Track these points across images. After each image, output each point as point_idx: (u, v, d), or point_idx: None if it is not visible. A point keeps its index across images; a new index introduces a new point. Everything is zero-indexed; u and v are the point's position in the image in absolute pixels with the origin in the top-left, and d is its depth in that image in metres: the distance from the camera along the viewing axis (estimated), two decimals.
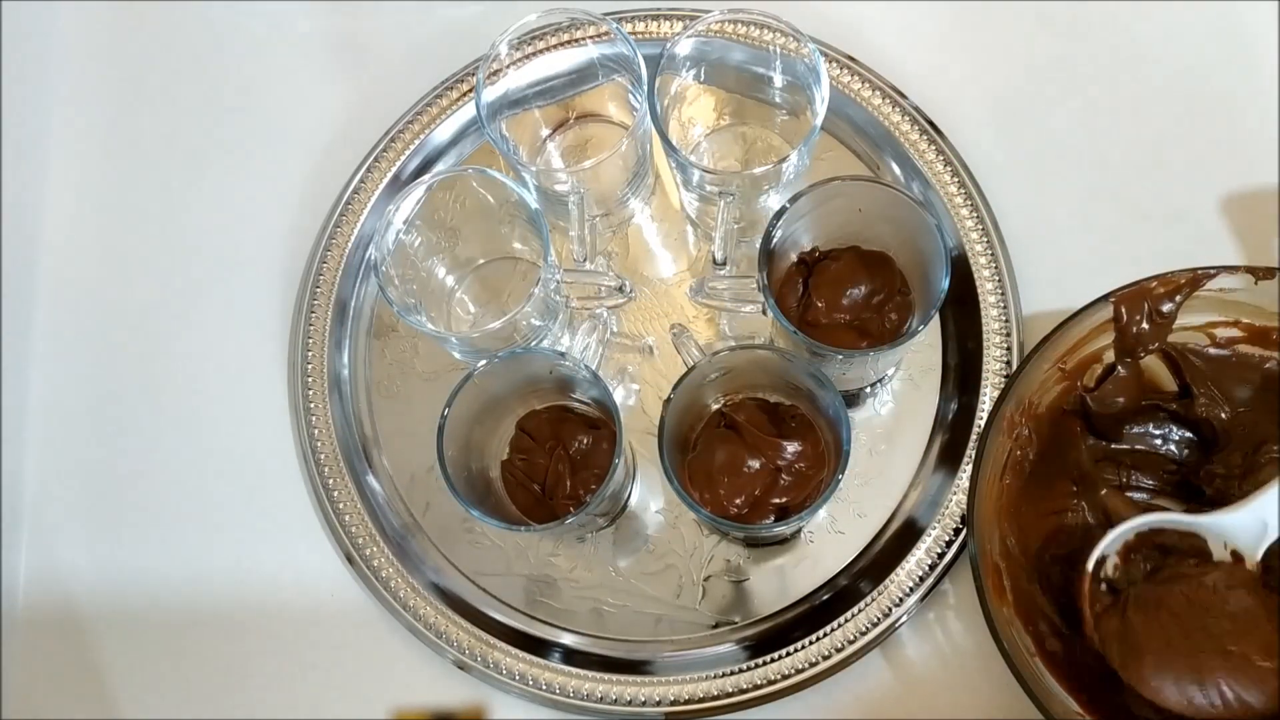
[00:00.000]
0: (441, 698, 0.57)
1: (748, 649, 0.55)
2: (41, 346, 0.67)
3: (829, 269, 0.55)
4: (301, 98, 0.69)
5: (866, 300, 0.55)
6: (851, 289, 0.55)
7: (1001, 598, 0.50)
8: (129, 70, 0.72)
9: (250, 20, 0.72)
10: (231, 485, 0.62)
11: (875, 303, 0.55)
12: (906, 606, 0.54)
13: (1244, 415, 0.53)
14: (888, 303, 0.55)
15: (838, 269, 0.55)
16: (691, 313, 0.61)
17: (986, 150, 0.61)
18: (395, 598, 0.57)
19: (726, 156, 0.63)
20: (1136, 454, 0.54)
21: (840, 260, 0.55)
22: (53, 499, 0.64)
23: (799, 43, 0.54)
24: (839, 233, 0.55)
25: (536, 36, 0.60)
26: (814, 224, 0.54)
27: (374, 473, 0.61)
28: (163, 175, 0.69)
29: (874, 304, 0.55)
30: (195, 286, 0.67)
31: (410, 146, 0.65)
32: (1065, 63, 0.64)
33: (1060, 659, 0.49)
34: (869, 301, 0.55)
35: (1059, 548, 0.52)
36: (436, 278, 0.60)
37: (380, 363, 0.63)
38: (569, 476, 0.54)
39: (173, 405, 0.64)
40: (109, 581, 0.62)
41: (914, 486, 0.57)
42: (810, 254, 0.56)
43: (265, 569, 0.61)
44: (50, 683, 0.61)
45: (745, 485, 0.52)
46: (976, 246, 0.59)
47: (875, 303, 0.55)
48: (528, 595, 0.58)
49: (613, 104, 0.64)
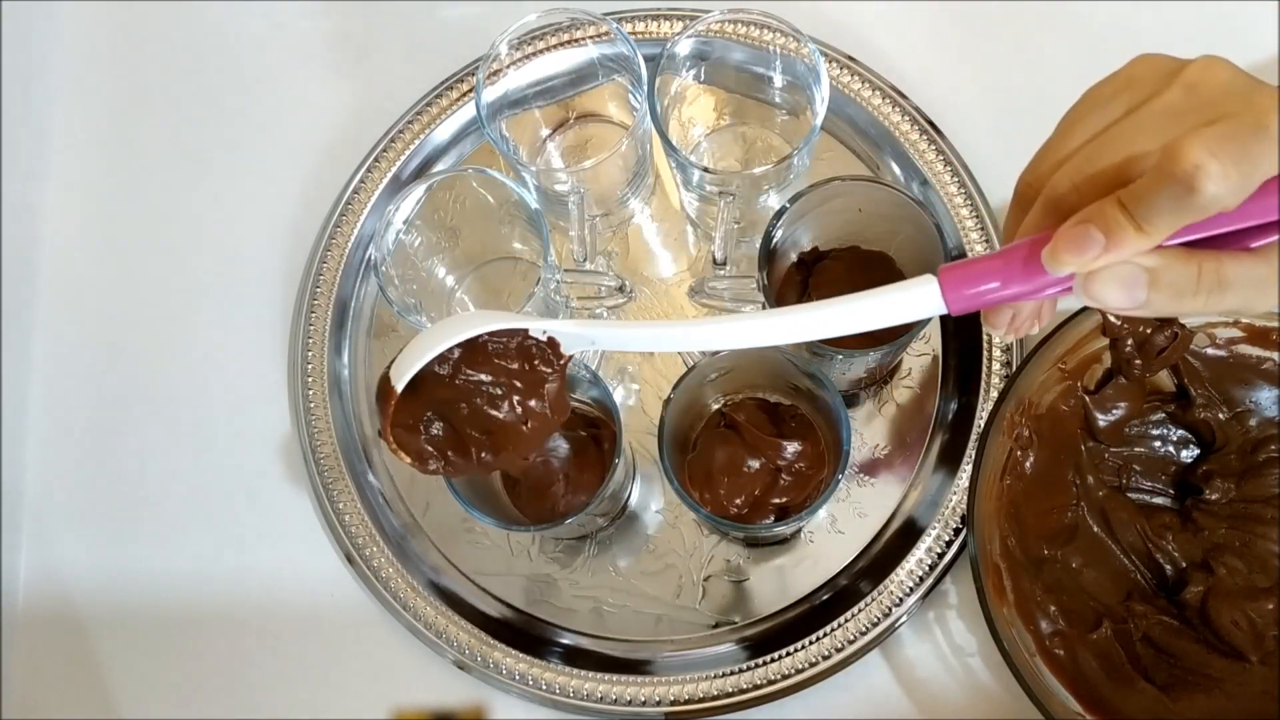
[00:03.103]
0: (441, 698, 0.57)
1: (748, 649, 0.55)
2: (41, 346, 0.67)
3: (829, 269, 0.55)
4: (301, 98, 0.69)
5: None
6: (851, 289, 0.54)
7: (1001, 598, 0.50)
8: (129, 70, 0.72)
9: (250, 20, 0.72)
10: (231, 485, 0.62)
11: None
12: (906, 606, 0.54)
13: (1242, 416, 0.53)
14: None
15: (838, 269, 0.55)
16: (691, 313, 0.61)
17: (986, 150, 0.61)
18: (395, 598, 0.57)
19: (726, 156, 0.63)
20: (1136, 455, 0.54)
21: (840, 260, 0.55)
22: (53, 499, 0.64)
23: (799, 43, 0.54)
24: (839, 233, 0.55)
25: (536, 36, 0.60)
26: (814, 224, 0.54)
27: (374, 473, 0.61)
28: (163, 175, 0.69)
29: None
30: (195, 287, 0.67)
31: (410, 146, 0.65)
32: (1065, 63, 0.64)
33: (1060, 659, 0.49)
34: None
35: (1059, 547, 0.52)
36: (436, 278, 0.60)
37: (380, 363, 0.63)
38: (569, 476, 0.54)
39: (173, 405, 0.64)
40: (109, 581, 0.62)
41: (914, 486, 0.57)
42: (810, 254, 0.56)
43: (265, 569, 0.61)
44: (50, 683, 0.61)
45: (745, 485, 0.52)
46: (976, 246, 0.59)
47: None
48: (528, 595, 0.58)
49: (613, 104, 0.64)
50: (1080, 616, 0.51)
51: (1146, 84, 0.34)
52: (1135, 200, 0.31)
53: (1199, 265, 0.32)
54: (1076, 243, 0.32)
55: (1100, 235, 0.31)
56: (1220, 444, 0.53)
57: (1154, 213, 0.31)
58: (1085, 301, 0.34)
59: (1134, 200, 0.31)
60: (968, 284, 0.35)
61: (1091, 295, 0.33)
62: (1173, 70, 0.33)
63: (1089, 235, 0.32)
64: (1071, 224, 0.32)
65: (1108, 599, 0.52)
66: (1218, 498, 0.52)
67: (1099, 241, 0.31)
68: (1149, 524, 0.52)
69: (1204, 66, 0.33)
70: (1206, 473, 0.53)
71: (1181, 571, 0.52)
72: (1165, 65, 0.34)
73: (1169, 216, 0.31)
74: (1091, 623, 0.50)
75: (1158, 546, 0.52)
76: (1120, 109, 0.34)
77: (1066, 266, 0.32)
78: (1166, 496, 0.54)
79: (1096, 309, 0.45)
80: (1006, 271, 0.34)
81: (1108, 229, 0.31)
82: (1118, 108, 0.34)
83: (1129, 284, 0.32)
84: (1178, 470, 0.54)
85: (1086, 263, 0.32)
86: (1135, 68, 0.35)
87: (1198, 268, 0.32)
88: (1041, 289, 0.34)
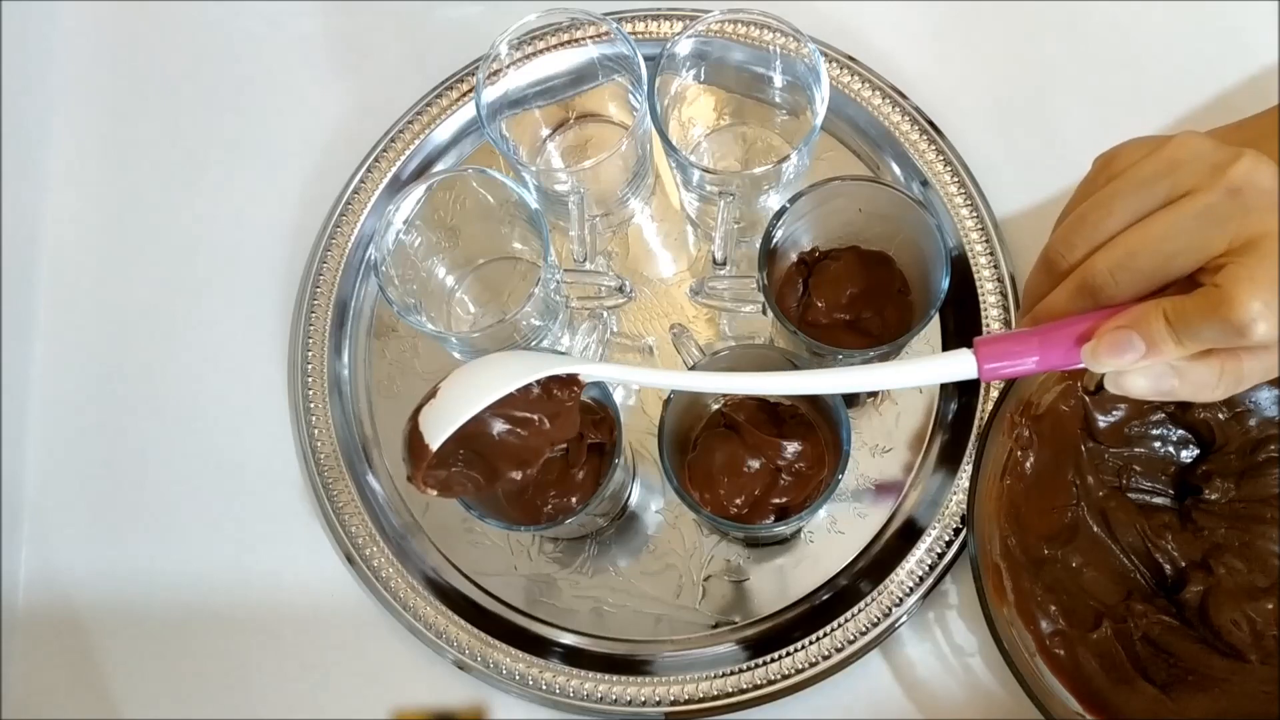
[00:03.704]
0: (441, 698, 0.57)
1: (748, 649, 0.55)
2: (41, 346, 0.67)
3: (829, 269, 0.55)
4: (301, 97, 0.69)
5: (866, 300, 0.55)
6: (851, 289, 0.55)
7: (1001, 598, 0.50)
8: (129, 70, 0.72)
9: (250, 20, 0.72)
10: (231, 485, 0.62)
11: (875, 303, 0.55)
12: (906, 606, 0.54)
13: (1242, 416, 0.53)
14: (888, 303, 0.55)
15: (838, 269, 0.55)
16: (691, 313, 0.61)
17: (986, 150, 0.61)
18: (395, 598, 0.57)
19: (726, 156, 0.63)
20: (1136, 455, 0.54)
21: (840, 260, 0.55)
22: (53, 499, 0.64)
23: (799, 43, 0.54)
24: (839, 233, 0.55)
25: (536, 36, 0.60)
26: (814, 224, 0.54)
27: (374, 473, 0.61)
28: (163, 175, 0.69)
29: (874, 304, 0.55)
30: (195, 286, 0.67)
31: (410, 146, 0.65)
32: (1065, 63, 0.64)
33: (1060, 659, 0.49)
34: (869, 301, 0.55)
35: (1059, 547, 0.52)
36: (436, 278, 0.60)
37: (380, 363, 0.63)
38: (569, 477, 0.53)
39: (173, 405, 0.64)
40: (109, 581, 0.62)
41: (914, 486, 0.57)
42: (810, 254, 0.56)
43: (265, 569, 0.61)
44: (50, 683, 0.61)
45: (745, 485, 0.52)
46: (976, 246, 0.59)
47: (875, 303, 0.55)
48: (528, 595, 0.58)
49: (613, 104, 0.64)
50: (1080, 616, 0.51)
51: (1190, 175, 0.35)
52: (1183, 323, 0.34)
53: (1220, 365, 0.35)
54: (1118, 347, 0.35)
55: (1142, 344, 0.34)
56: (1220, 444, 0.53)
57: (1199, 339, 0.34)
58: (1108, 386, 0.37)
59: (1181, 322, 0.34)
60: (1003, 360, 0.38)
61: (1121, 387, 0.36)
62: (1217, 165, 0.34)
63: (1131, 342, 0.34)
64: (1114, 327, 0.35)
65: (1108, 599, 0.52)
66: (1217, 497, 0.52)
67: (1140, 349, 0.34)
68: (1149, 524, 0.52)
69: (1249, 169, 0.34)
70: (1206, 473, 0.53)
71: (1181, 571, 0.52)
72: (1209, 155, 0.35)
73: (1212, 342, 0.34)
74: (1091, 622, 0.50)
75: (1157, 546, 0.52)
76: (1161, 195, 0.35)
77: (1105, 367, 0.35)
78: (1166, 496, 0.54)
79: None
80: (1042, 353, 0.37)
81: (1150, 339, 0.34)
82: (1158, 194, 0.35)
83: (1158, 379, 0.35)
84: (1177, 470, 0.54)
85: (1124, 365, 0.35)
86: (1179, 151, 0.36)
87: (1219, 367, 0.35)
88: (1069, 365, 0.37)
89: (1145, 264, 0.35)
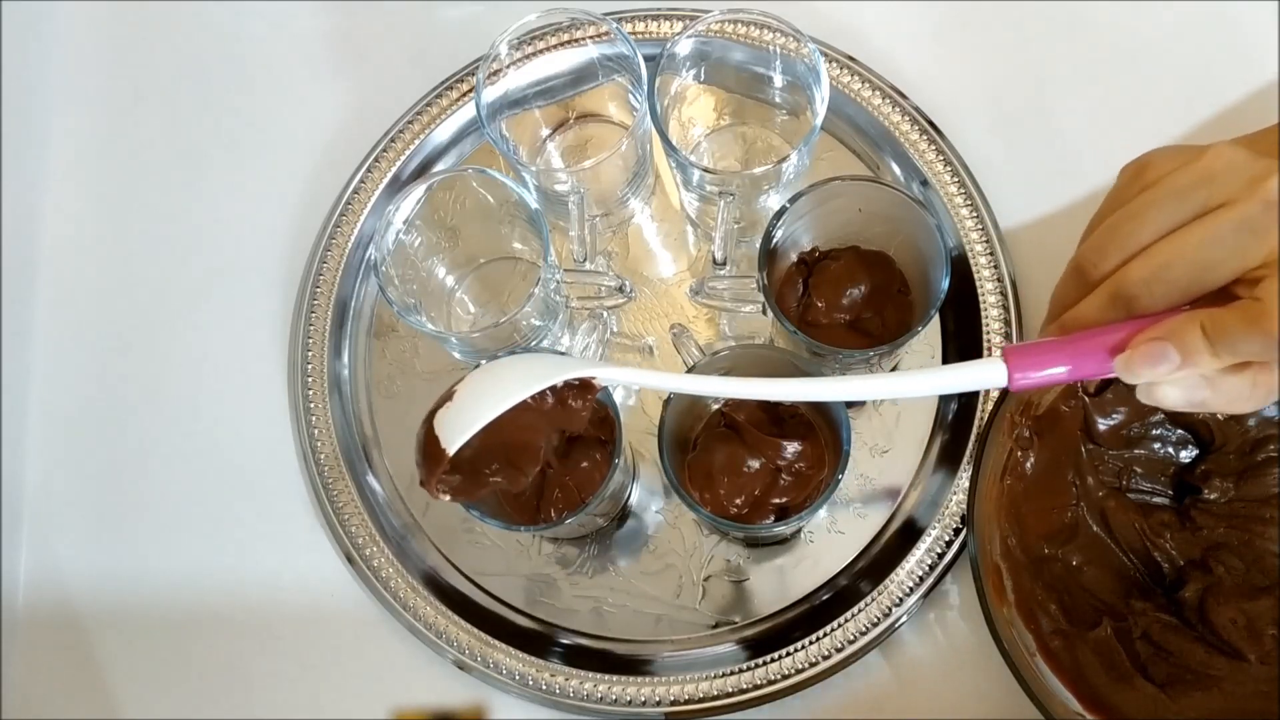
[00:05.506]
0: (441, 698, 0.57)
1: (748, 649, 0.55)
2: (41, 346, 0.67)
3: (829, 269, 0.55)
4: (301, 97, 0.69)
5: (866, 300, 0.55)
6: (851, 289, 0.55)
7: (1002, 598, 0.50)
8: (129, 70, 0.72)
9: (250, 20, 0.72)
10: (231, 485, 0.62)
11: (875, 303, 0.55)
12: (907, 606, 0.54)
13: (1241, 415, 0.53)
14: (888, 303, 0.55)
15: (838, 269, 0.55)
16: (691, 313, 0.61)
17: (986, 150, 0.61)
18: (395, 598, 0.57)
19: (726, 156, 0.63)
20: (1136, 457, 0.54)
21: (840, 260, 0.55)
22: (53, 499, 0.64)
23: (799, 43, 0.54)
24: (839, 233, 0.55)
25: (536, 36, 0.60)
26: (814, 224, 0.54)
27: (374, 473, 0.61)
28: (163, 175, 0.69)
29: (874, 304, 0.55)
30: (195, 287, 0.67)
31: (410, 146, 0.65)
32: (1065, 63, 0.64)
33: (1061, 659, 0.49)
34: (869, 301, 0.55)
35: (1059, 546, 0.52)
36: (436, 278, 0.60)
37: (380, 363, 0.63)
38: (568, 477, 0.53)
39: (173, 405, 0.64)
40: (109, 581, 0.62)
41: (914, 486, 0.57)
42: (810, 254, 0.56)
43: (265, 569, 0.61)
44: (50, 683, 0.61)
45: (745, 485, 0.52)
46: (976, 246, 0.59)
47: (875, 303, 0.55)
48: (528, 595, 0.58)
49: (613, 104, 0.64)
50: (1080, 615, 0.51)
51: (1226, 186, 0.34)
52: (1220, 334, 0.33)
53: (1254, 377, 0.34)
54: (1153, 359, 0.34)
55: (1177, 355, 0.34)
56: (1219, 444, 0.53)
57: (1236, 352, 0.33)
58: (1139, 397, 0.36)
59: (1219, 334, 0.33)
60: (1034, 370, 0.37)
61: (1153, 398, 0.35)
62: (1255, 176, 0.34)
63: (1166, 354, 0.34)
64: (1149, 338, 0.34)
65: (1108, 597, 0.52)
66: (1216, 497, 0.52)
67: (1175, 361, 0.34)
68: (1148, 523, 0.52)
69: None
70: (1205, 472, 0.53)
71: (1180, 570, 0.52)
72: (1246, 167, 0.34)
73: (1249, 355, 0.33)
74: (1091, 621, 0.50)
75: (1156, 546, 0.52)
76: (1196, 206, 0.35)
77: (1139, 379, 0.35)
78: (1166, 496, 0.54)
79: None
80: (1074, 363, 0.37)
81: (1185, 350, 0.33)
82: (1194, 205, 0.35)
83: (1190, 390, 0.35)
84: (1177, 470, 0.54)
85: (1159, 376, 0.34)
86: (1215, 161, 0.35)
87: (1253, 379, 0.34)
88: (1101, 375, 0.37)
89: (1180, 275, 0.34)
